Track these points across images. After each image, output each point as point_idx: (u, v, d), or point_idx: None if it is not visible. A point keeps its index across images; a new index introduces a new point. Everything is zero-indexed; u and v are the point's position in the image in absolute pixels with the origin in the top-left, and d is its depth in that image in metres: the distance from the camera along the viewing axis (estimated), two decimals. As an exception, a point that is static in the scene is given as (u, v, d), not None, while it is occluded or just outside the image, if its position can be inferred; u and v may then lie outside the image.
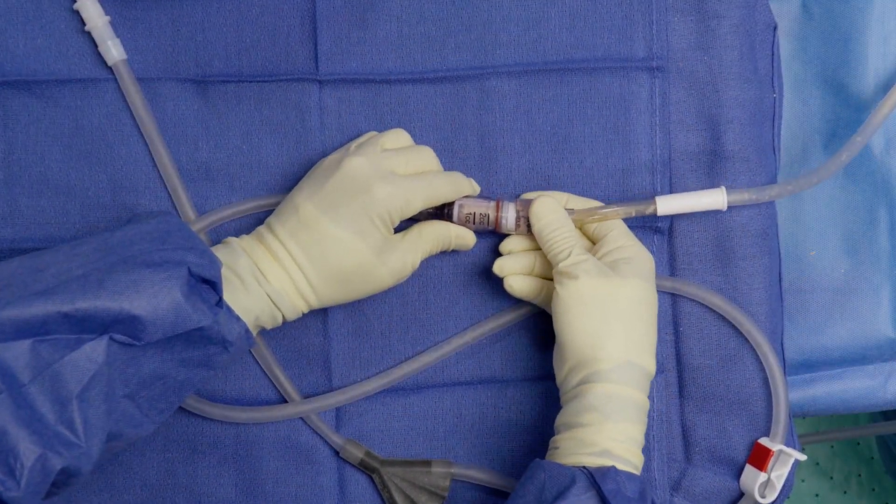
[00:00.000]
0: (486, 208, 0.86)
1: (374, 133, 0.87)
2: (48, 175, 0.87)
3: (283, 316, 0.81)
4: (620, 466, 0.77)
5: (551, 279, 0.85)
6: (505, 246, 0.88)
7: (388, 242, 0.82)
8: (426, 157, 0.85)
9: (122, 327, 0.69)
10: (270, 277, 0.80)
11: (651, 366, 0.81)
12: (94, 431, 0.68)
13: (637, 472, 0.78)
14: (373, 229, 0.80)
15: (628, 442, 0.78)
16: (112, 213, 0.88)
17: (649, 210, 0.88)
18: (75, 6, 0.87)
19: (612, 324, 0.80)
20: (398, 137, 0.86)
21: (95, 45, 0.88)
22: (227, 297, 0.76)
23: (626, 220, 0.88)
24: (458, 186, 0.86)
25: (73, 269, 0.70)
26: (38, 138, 0.87)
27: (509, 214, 0.86)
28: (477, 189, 0.88)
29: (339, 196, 0.80)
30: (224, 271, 0.78)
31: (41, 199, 0.87)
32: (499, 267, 0.87)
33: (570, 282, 0.81)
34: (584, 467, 0.76)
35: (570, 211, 0.86)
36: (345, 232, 0.79)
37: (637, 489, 0.75)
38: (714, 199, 0.89)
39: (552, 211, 0.85)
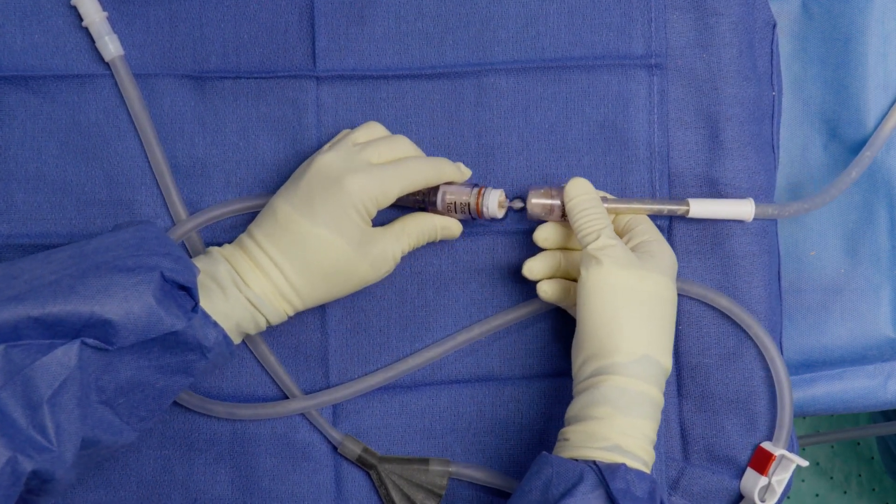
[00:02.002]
0: (467, 196, 0.85)
1: (347, 130, 0.87)
2: (44, 171, 0.87)
3: (267, 320, 0.80)
4: (631, 463, 0.75)
5: (575, 280, 0.84)
6: (538, 234, 0.87)
7: (368, 235, 0.81)
8: (400, 145, 0.84)
9: (94, 331, 0.69)
10: (251, 282, 0.79)
11: (668, 363, 0.80)
12: (66, 436, 0.68)
13: (647, 469, 0.77)
14: (350, 224, 0.79)
15: (640, 438, 0.77)
16: (108, 209, 0.88)
17: (681, 210, 0.88)
18: (73, 2, 0.87)
19: (632, 316, 0.79)
20: (371, 130, 0.86)
21: (93, 41, 0.88)
22: (205, 303, 0.76)
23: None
24: (439, 169, 0.84)
25: (46, 275, 0.70)
26: (34, 134, 0.87)
27: (490, 202, 0.85)
28: (467, 173, 0.87)
29: (313, 194, 0.80)
30: (202, 279, 0.78)
31: (37, 194, 0.87)
32: (528, 269, 0.86)
33: (595, 267, 0.80)
34: (593, 463, 0.75)
35: (604, 199, 0.86)
36: (322, 229, 0.79)
37: (647, 489, 0.74)
38: (743, 209, 0.89)
39: (585, 191, 0.84)
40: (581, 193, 0.84)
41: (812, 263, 1.05)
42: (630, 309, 0.79)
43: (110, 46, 0.87)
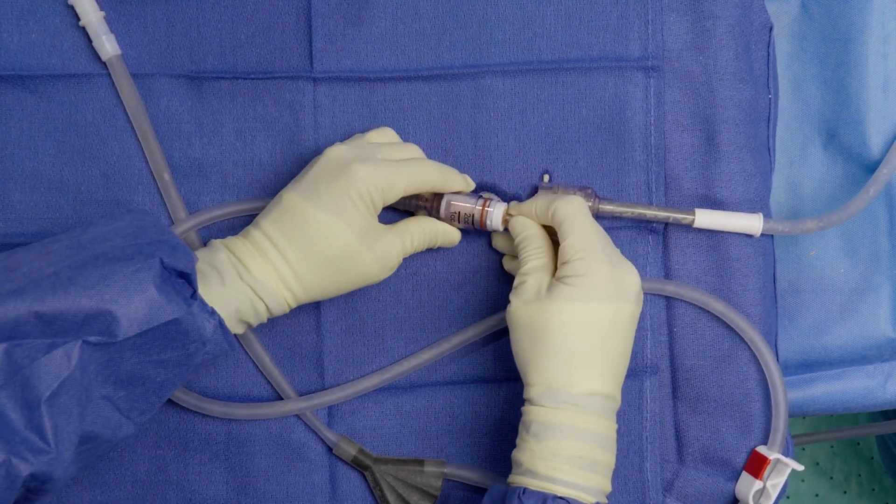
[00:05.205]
0: (472, 207, 0.86)
1: (359, 134, 0.87)
2: (41, 170, 0.87)
3: (268, 308, 0.80)
4: (540, 486, 0.76)
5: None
6: (496, 243, 0.89)
7: (373, 228, 0.81)
8: (412, 151, 0.86)
9: (96, 325, 0.68)
10: (252, 268, 0.78)
11: (585, 387, 0.77)
12: (64, 435, 0.68)
13: (566, 490, 0.76)
14: (354, 210, 0.79)
15: (550, 459, 0.76)
16: (105, 208, 0.88)
17: (687, 220, 0.89)
18: (70, 1, 0.87)
19: (536, 350, 0.78)
20: (384, 134, 0.86)
21: (90, 41, 0.88)
22: (203, 290, 0.76)
23: (632, 220, 0.90)
24: (447, 176, 0.85)
25: (45, 267, 0.69)
26: (31, 133, 0.87)
27: (494, 215, 0.86)
28: (471, 185, 0.88)
29: (319, 180, 0.80)
30: (201, 266, 0.78)
31: (34, 194, 0.87)
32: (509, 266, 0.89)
33: (511, 301, 0.81)
34: (508, 486, 0.77)
35: (608, 202, 0.87)
36: (326, 214, 0.79)
37: None
38: (750, 223, 0.90)
39: (526, 227, 0.84)
40: (523, 230, 0.84)
41: (812, 263, 1.05)
42: (535, 345, 0.79)
43: (107, 46, 0.87)
